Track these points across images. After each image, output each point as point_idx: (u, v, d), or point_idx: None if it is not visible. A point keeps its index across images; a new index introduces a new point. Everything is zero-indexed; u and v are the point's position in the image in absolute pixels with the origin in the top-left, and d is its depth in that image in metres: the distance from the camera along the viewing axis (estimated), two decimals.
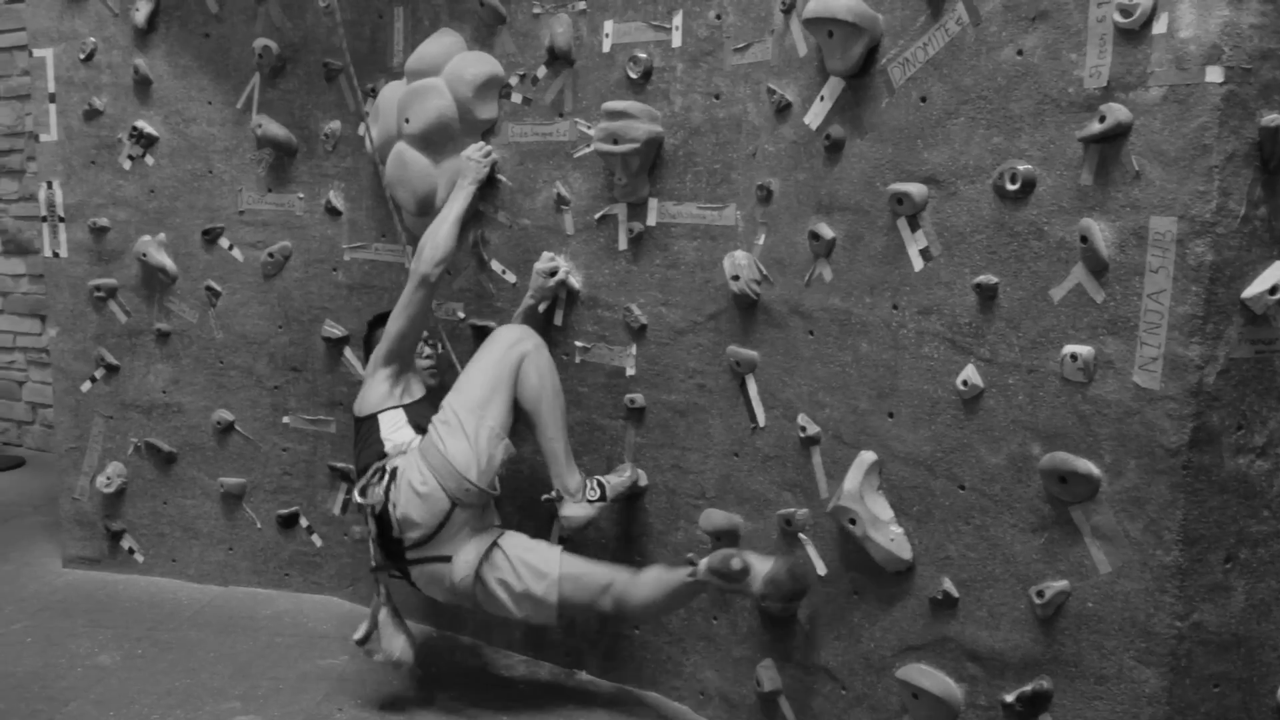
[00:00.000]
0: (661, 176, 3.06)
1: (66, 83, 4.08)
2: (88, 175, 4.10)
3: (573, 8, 3.17)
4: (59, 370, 4.31)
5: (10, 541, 4.70)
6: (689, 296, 3.05)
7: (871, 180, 2.49)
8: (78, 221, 4.14)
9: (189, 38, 3.91)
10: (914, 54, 2.38)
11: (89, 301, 4.18)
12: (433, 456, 2.97)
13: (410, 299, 3.19)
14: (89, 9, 4.00)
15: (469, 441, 2.97)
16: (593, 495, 3.10)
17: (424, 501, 2.95)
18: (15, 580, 4.26)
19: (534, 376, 3.07)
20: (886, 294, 2.47)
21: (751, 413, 2.91)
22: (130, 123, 4.01)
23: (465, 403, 3.03)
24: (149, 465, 4.22)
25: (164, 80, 3.97)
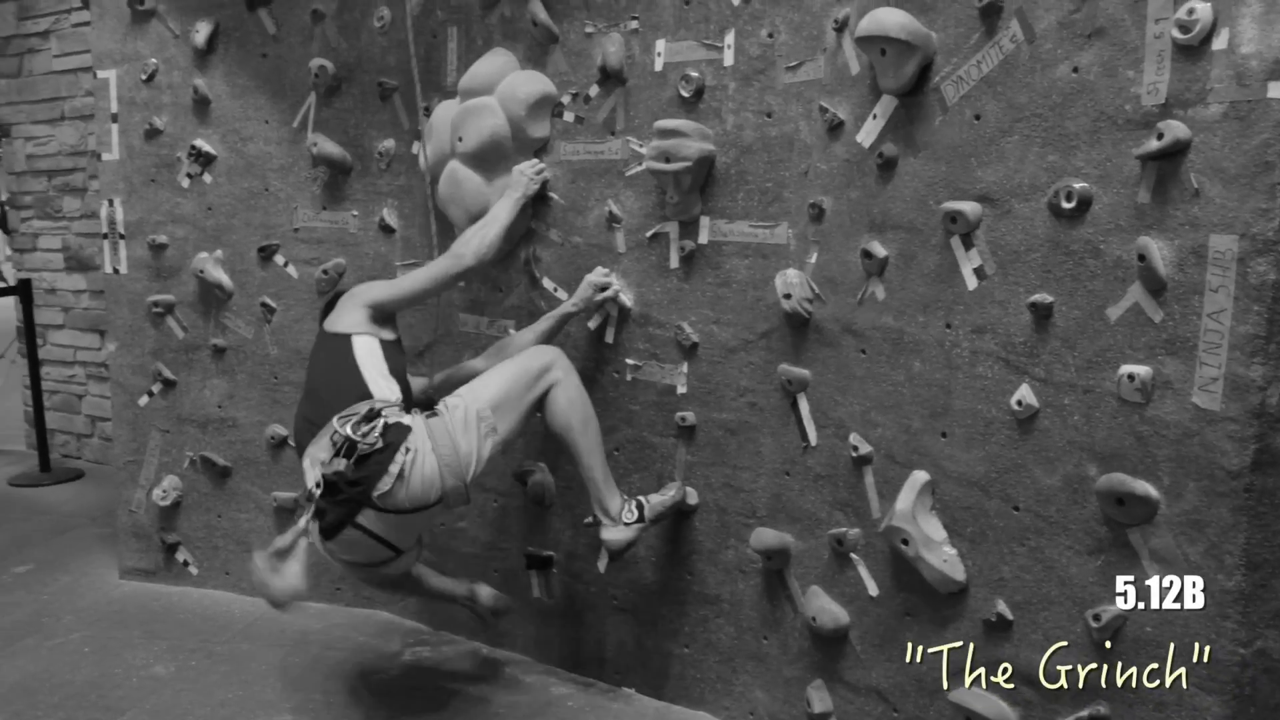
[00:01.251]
0: (713, 195, 3.05)
1: (128, 103, 4.16)
2: (148, 193, 4.17)
3: (625, 27, 3.19)
4: (117, 384, 4.38)
5: (69, 552, 4.78)
6: (740, 315, 3.04)
7: (924, 198, 2.47)
8: (137, 238, 4.21)
9: (247, 58, 3.97)
10: (968, 71, 2.36)
11: (147, 317, 4.24)
12: (444, 449, 2.87)
13: (437, 276, 3.18)
14: (151, 31, 4.08)
15: (477, 443, 2.93)
16: (629, 518, 3.08)
17: (421, 488, 2.84)
18: (74, 590, 4.33)
19: (563, 404, 3.05)
20: (940, 313, 2.46)
21: (803, 431, 2.89)
22: (189, 142, 4.07)
23: (485, 400, 2.98)
24: (204, 479, 4.27)
25: (222, 100, 4.03)
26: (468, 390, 3.03)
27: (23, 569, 4.57)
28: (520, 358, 3.13)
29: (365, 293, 3.19)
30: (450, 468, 2.86)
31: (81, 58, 5.90)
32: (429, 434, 2.87)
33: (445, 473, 2.85)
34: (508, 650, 3.71)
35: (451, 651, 3.74)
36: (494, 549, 3.69)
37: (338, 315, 3.15)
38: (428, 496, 2.85)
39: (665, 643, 3.32)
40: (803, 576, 2.92)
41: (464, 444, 2.90)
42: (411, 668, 3.62)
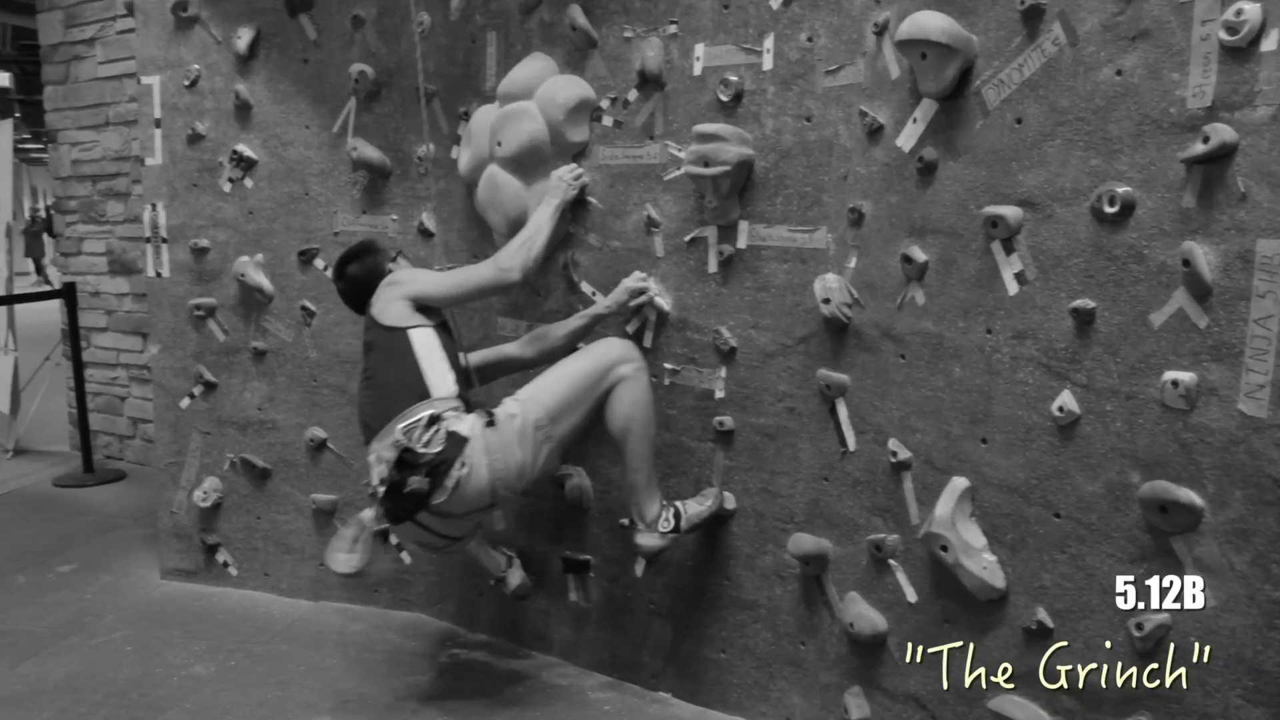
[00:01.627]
0: (752, 199, 3.05)
1: (171, 108, 4.20)
2: (190, 197, 4.22)
3: (664, 31, 3.19)
4: (159, 386, 4.43)
5: (111, 552, 4.83)
6: (779, 319, 3.03)
7: (965, 203, 2.46)
8: (179, 242, 4.26)
9: (288, 64, 4.00)
10: (1009, 75, 2.35)
11: (189, 320, 4.29)
12: (498, 462, 2.95)
13: (482, 284, 3.19)
14: (194, 37, 4.12)
15: (532, 454, 3.00)
16: (666, 527, 3.09)
17: (474, 497, 2.96)
18: (116, 590, 4.37)
19: (626, 405, 3.06)
20: (980, 318, 2.44)
21: (841, 437, 2.88)
22: (231, 146, 4.11)
23: (543, 407, 3.03)
24: (244, 481, 4.30)
25: (263, 105, 4.06)
26: (529, 394, 3.08)
27: (67, 568, 4.63)
28: (592, 351, 3.17)
29: (409, 284, 3.19)
30: (503, 480, 2.97)
31: (126, 64, 5.97)
32: (485, 448, 2.95)
33: (498, 485, 2.96)
34: (544, 653, 3.71)
35: (487, 654, 3.75)
36: (531, 551, 3.69)
37: (385, 306, 3.15)
38: (481, 503, 2.98)
39: (702, 647, 3.31)
40: (840, 582, 2.91)
41: (518, 455, 2.98)
42: (448, 669, 3.63)
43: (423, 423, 2.96)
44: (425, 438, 2.93)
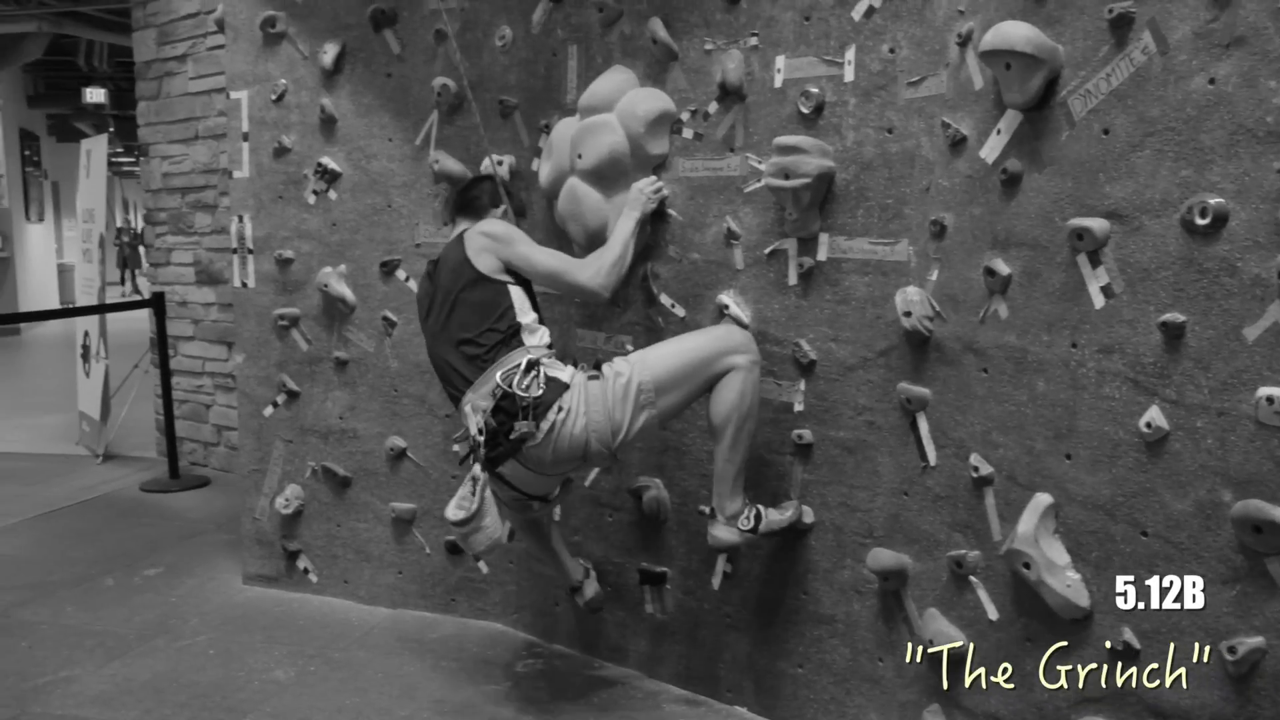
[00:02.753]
0: (833, 211, 3.03)
1: (259, 122, 4.29)
2: (275, 209, 4.30)
3: (745, 44, 3.19)
4: (244, 395, 4.51)
5: (196, 557, 4.93)
6: (859, 332, 3.01)
7: (1050, 215, 2.42)
8: (265, 253, 4.34)
9: (372, 78, 4.07)
10: (1096, 85, 2.31)
11: (273, 330, 4.36)
12: (596, 414, 2.99)
13: (570, 283, 3.23)
14: (281, 53, 4.20)
15: (632, 415, 3.02)
16: (745, 525, 3.08)
17: (567, 448, 3.00)
18: (200, 594, 4.46)
19: (733, 395, 3.04)
20: (1065, 332, 2.40)
21: (922, 451, 2.85)
22: (316, 159, 4.18)
23: (652, 373, 3.04)
24: (325, 489, 4.37)
25: (348, 119, 4.13)
26: (639, 357, 3.11)
27: (153, 572, 4.73)
28: (713, 332, 3.17)
29: (511, 246, 3.21)
30: (598, 434, 3.00)
31: (215, 80, 6.11)
32: (585, 397, 3.00)
33: (592, 438, 2.99)
34: (620, 665, 3.71)
35: (564, 665, 3.76)
36: (608, 563, 3.70)
37: (480, 255, 3.17)
38: (572, 454, 3.02)
39: (778, 662, 3.29)
40: (920, 598, 2.87)
41: (618, 413, 3.01)
42: (524, 679, 3.65)
43: (521, 368, 3.01)
44: (525, 382, 2.99)
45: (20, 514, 5.72)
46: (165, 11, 6.46)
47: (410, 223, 4.07)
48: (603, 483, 3.69)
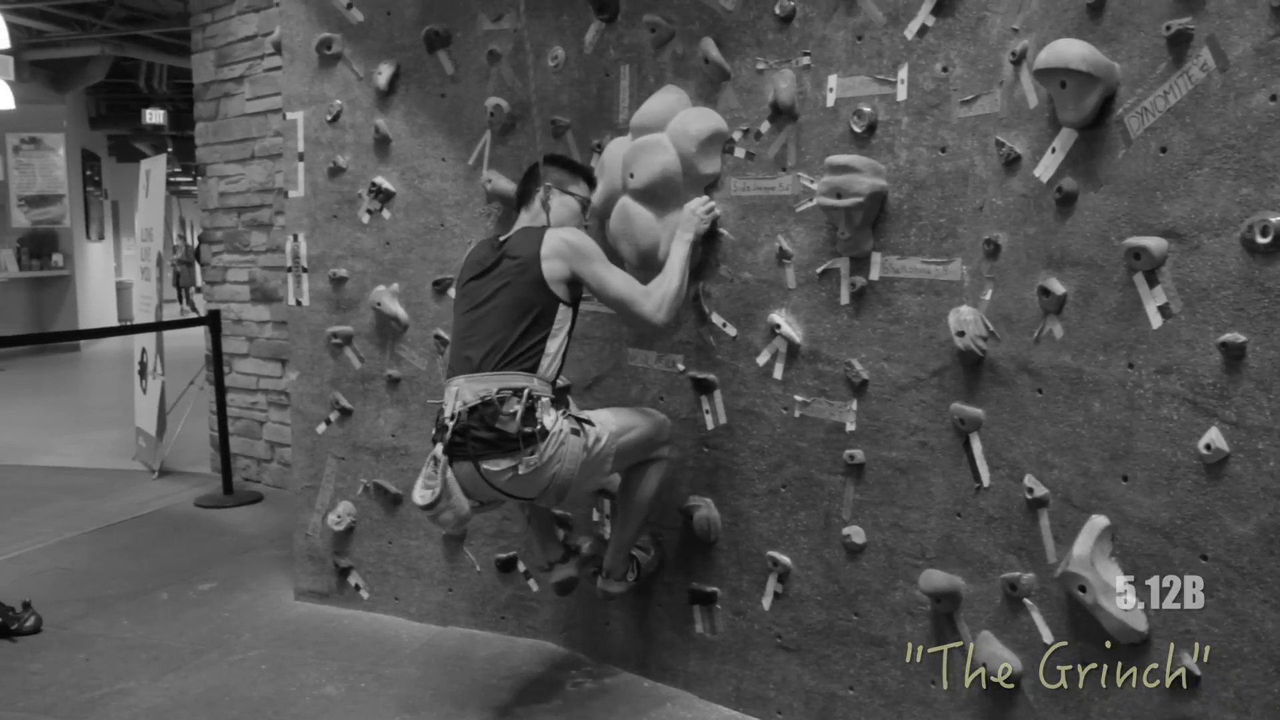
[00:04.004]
0: (885, 230, 3.02)
1: (314, 142, 4.34)
2: (330, 228, 4.35)
3: (797, 63, 3.19)
4: (297, 412, 4.56)
5: (249, 572, 4.98)
6: (912, 352, 3.00)
7: (1106, 234, 2.40)
8: (319, 272, 4.39)
9: (426, 98, 4.11)
10: (1153, 103, 2.29)
11: (327, 347, 4.41)
12: (566, 469, 3.11)
13: (632, 310, 3.25)
14: (337, 74, 4.26)
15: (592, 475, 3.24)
16: (630, 577, 3.57)
17: (525, 488, 3.12)
18: (252, 609, 4.50)
19: (653, 484, 3.41)
20: (1121, 352, 2.37)
21: (975, 472, 2.82)
22: (370, 179, 4.23)
23: (619, 445, 3.26)
24: (376, 506, 4.40)
25: (402, 139, 4.17)
26: (615, 421, 3.28)
27: (206, 586, 4.78)
28: (653, 419, 3.43)
29: (584, 263, 3.23)
30: (559, 488, 3.14)
31: (272, 100, 6.20)
32: (564, 448, 3.11)
33: (554, 484, 3.12)
34: (669, 685, 3.70)
35: (613, 684, 3.75)
36: (657, 583, 3.70)
37: (552, 260, 3.20)
38: (529, 492, 3.15)
39: (829, 683, 3.27)
40: (973, 621, 2.84)
41: (591, 472, 3.21)
42: (574, 698, 3.65)
43: (521, 397, 3.07)
44: (514, 410, 3.04)
45: (79, 528, 5.81)
46: (224, 34, 6.57)
47: (463, 242, 4.09)
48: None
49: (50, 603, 4.50)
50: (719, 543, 3.52)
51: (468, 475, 3.09)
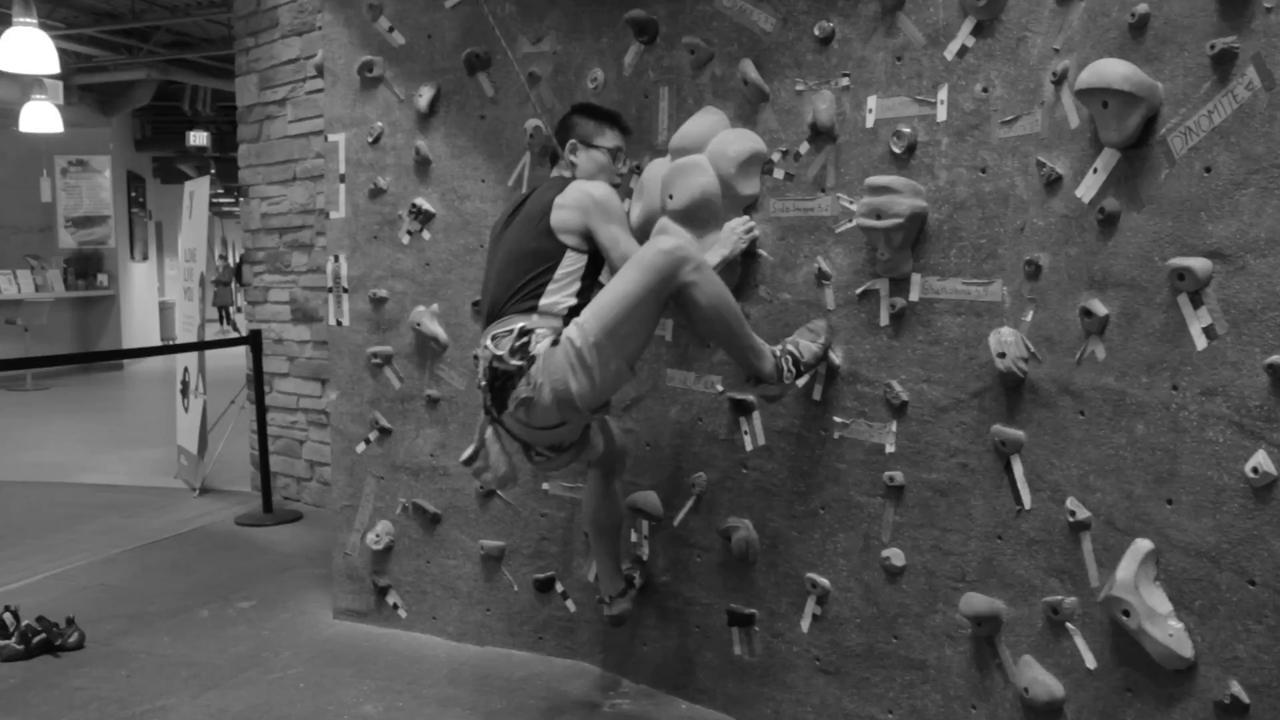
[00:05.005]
0: (925, 251, 3.01)
1: (355, 164, 4.38)
2: (370, 249, 4.38)
3: (836, 84, 3.19)
4: (337, 431, 4.59)
5: (288, 591, 5.00)
6: (952, 373, 2.98)
7: (1149, 255, 2.38)
8: (359, 292, 4.42)
9: (466, 120, 4.14)
10: (1197, 122, 2.27)
11: (367, 367, 4.44)
12: (558, 384, 2.98)
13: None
14: (378, 96, 4.30)
15: (593, 381, 2.98)
16: (788, 378, 3.13)
17: (541, 415, 3.05)
18: (291, 627, 4.52)
19: (704, 307, 2.99)
20: (1165, 374, 2.35)
21: (1016, 494, 2.80)
22: (410, 200, 4.26)
23: (603, 326, 2.95)
24: (415, 525, 4.41)
25: (442, 160, 4.20)
26: (589, 315, 2.99)
27: (246, 604, 4.81)
28: (641, 262, 2.98)
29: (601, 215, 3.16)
30: (565, 401, 3.00)
31: (314, 123, 6.26)
32: (547, 367, 3.00)
33: (561, 404, 3.00)
34: (708, 707, 3.69)
35: (651, 705, 3.74)
36: (694, 604, 3.69)
37: (566, 213, 3.17)
38: (550, 421, 3.07)
39: (868, 707, 3.25)
40: (1014, 645, 2.81)
41: (578, 378, 2.97)
42: (611, 719, 3.64)
43: (513, 334, 3.06)
44: (508, 351, 3.04)
45: (121, 545, 5.86)
46: (267, 57, 6.65)
47: None
48: (691, 523, 3.69)
49: (93, 619, 4.54)
50: (757, 564, 3.51)
51: (514, 424, 3.14)
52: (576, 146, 3.40)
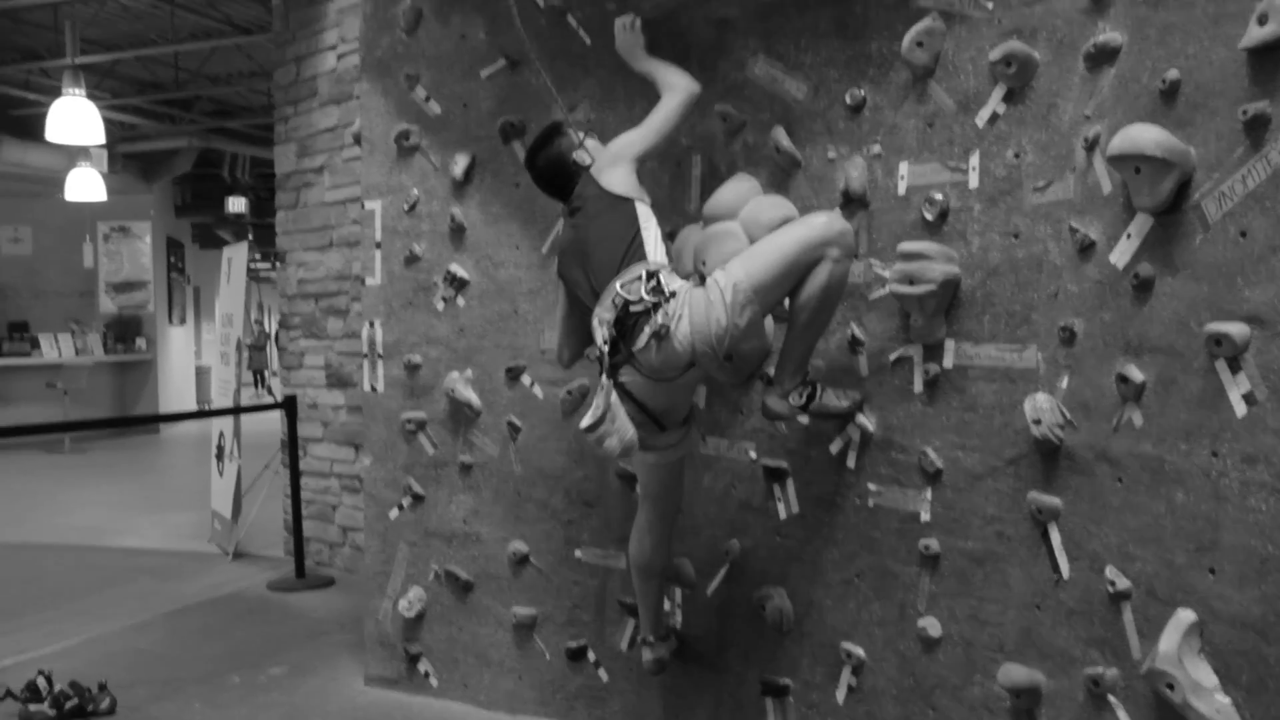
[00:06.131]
0: (958, 318, 3.00)
1: (391, 231, 4.42)
2: (405, 315, 4.41)
3: (868, 151, 3.20)
4: (370, 497, 4.59)
5: (319, 657, 4.98)
6: (987, 440, 2.95)
7: (1185, 320, 2.36)
8: (394, 358, 4.44)
9: (500, 188, 4.17)
10: (1231, 187, 2.26)
11: (401, 433, 4.44)
12: (698, 318, 3.03)
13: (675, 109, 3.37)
14: (414, 164, 4.35)
15: (734, 316, 3.01)
16: (797, 400, 3.15)
17: (673, 350, 3.06)
18: (322, 694, 4.50)
19: (817, 285, 3.04)
20: (1205, 441, 2.32)
21: (1054, 563, 2.76)
22: (445, 267, 4.29)
23: (748, 273, 3.04)
24: (447, 592, 4.39)
25: (476, 227, 4.23)
26: (738, 262, 3.10)
27: (278, 670, 4.79)
28: (809, 222, 3.12)
29: (631, 147, 3.37)
30: (701, 335, 3.03)
31: (351, 190, 6.32)
32: (689, 300, 3.06)
33: (696, 339, 3.02)
34: None
35: None
36: (728, 673, 3.64)
37: (613, 174, 3.33)
38: (678, 361, 3.08)
39: None
40: (1055, 718, 2.76)
41: (720, 315, 3.02)
42: None
43: (642, 278, 3.12)
44: (642, 292, 3.09)
45: (154, 609, 5.86)
46: (306, 126, 6.75)
47: (536, 329, 4.12)
48: (725, 591, 3.65)
49: (125, 684, 4.53)
50: (792, 633, 3.46)
51: (633, 379, 3.18)
52: (581, 146, 3.51)
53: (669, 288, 3.10)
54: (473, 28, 4.12)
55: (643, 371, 3.14)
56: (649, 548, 3.56)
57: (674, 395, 3.27)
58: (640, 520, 3.60)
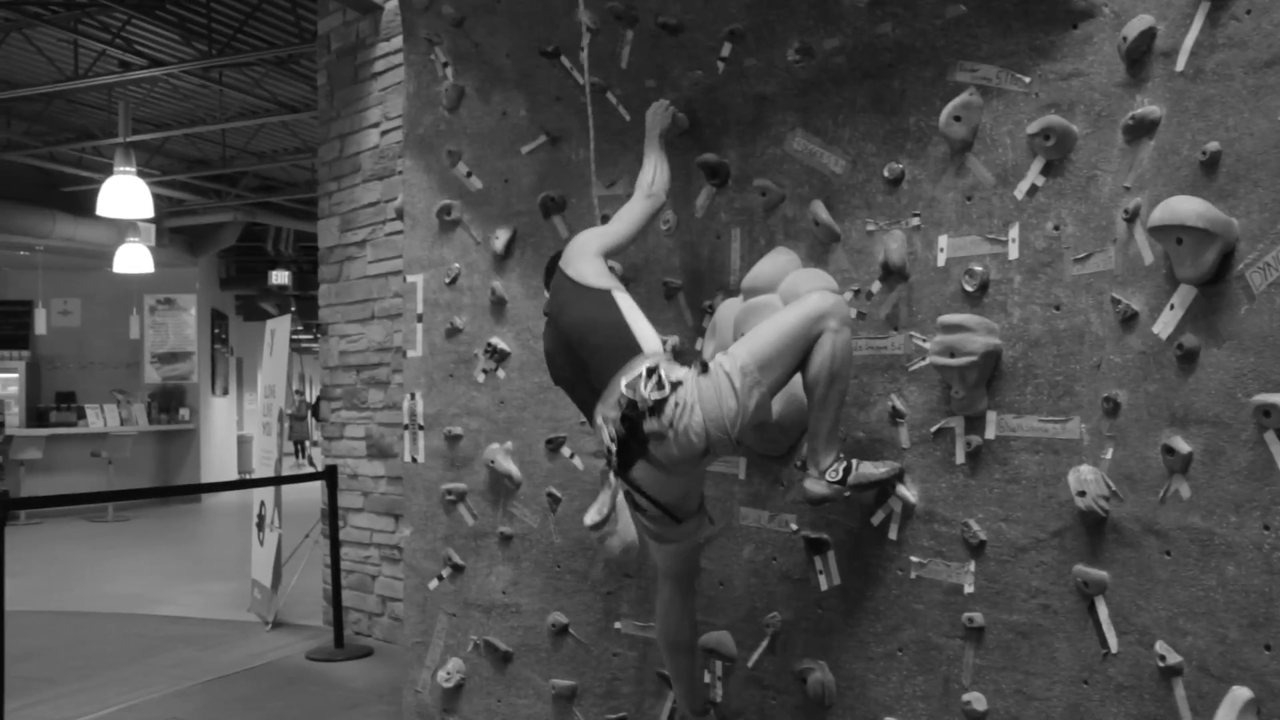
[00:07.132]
0: (1000, 389, 2.99)
1: (433, 304, 4.47)
2: (446, 387, 4.44)
3: (907, 224, 3.22)
4: (410, 567, 4.59)
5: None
6: (1031, 512, 2.93)
7: (1232, 391, 2.34)
8: (434, 429, 4.46)
9: (540, 261, 4.20)
10: (1277, 258, 2.25)
11: (441, 504, 4.46)
12: (709, 405, 3.01)
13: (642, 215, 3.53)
14: (455, 239, 4.40)
15: (741, 399, 3.01)
16: (833, 477, 3.11)
17: (687, 440, 3.03)
18: None
19: (822, 357, 3.04)
20: (1255, 513, 2.29)
21: (1102, 637, 2.72)
22: (486, 339, 4.32)
23: (752, 355, 3.06)
24: (486, 663, 4.37)
25: (517, 300, 4.27)
26: (741, 346, 3.13)
27: None
28: (804, 303, 3.14)
29: (593, 242, 3.44)
30: (714, 422, 3.01)
31: (392, 263, 6.42)
32: (698, 391, 3.03)
33: (710, 426, 3.01)
34: None
35: None
36: None
37: (582, 267, 3.37)
38: (696, 448, 3.04)
39: None
40: None
41: (729, 400, 3.01)
42: None
43: (643, 375, 3.08)
44: (648, 388, 3.06)
45: (193, 678, 5.87)
46: (349, 201, 6.86)
47: None
48: (766, 664, 3.62)
49: None
50: (834, 707, 3.42)
51: (645, 474, 3.14)
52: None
53: (670, 379, 3.08)
54: (513, 105, 4.19)
55: (657, 465, 3.12)
56: (675, 623, 3.54)
57: (686, 485, 3.27)
58: (663, 597, 3.58)
